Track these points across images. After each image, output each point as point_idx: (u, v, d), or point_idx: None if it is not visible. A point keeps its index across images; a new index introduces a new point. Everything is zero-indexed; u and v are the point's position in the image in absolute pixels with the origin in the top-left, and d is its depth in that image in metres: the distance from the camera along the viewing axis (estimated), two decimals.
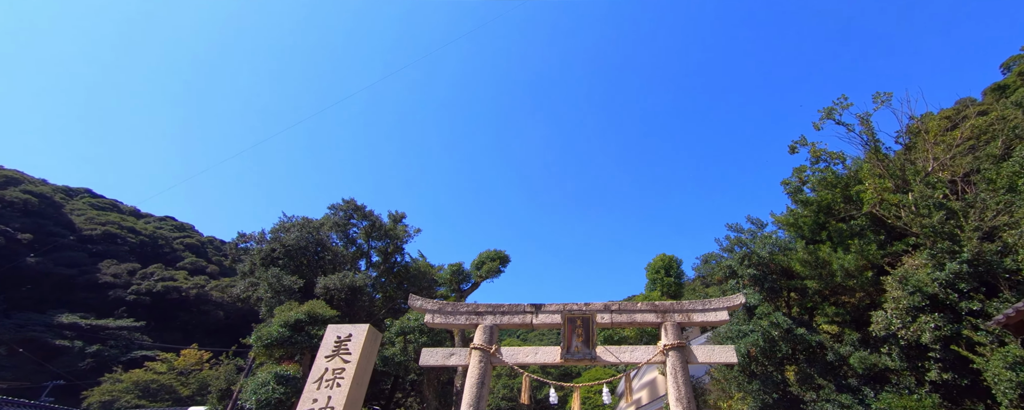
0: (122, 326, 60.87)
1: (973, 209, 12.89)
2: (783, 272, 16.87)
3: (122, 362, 56.92)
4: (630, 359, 11.57)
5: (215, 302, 70.91)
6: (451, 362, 11.67)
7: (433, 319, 12.21)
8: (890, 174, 15.18)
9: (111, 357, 58.30)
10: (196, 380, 53.72)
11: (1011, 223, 12.28)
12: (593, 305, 12.29)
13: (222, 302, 73.36)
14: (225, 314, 71.11)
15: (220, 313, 70.31)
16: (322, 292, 21.74)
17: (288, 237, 24.12)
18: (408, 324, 21.22)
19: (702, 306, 12.35)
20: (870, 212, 15.06)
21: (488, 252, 29.22)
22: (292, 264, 23.94)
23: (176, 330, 66.21)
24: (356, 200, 29.21)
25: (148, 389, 51.34)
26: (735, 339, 16.36)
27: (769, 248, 16.88)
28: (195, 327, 68.53)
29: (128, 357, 58.66)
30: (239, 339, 36.76)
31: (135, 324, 62.07)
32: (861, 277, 14.67)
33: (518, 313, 12.26)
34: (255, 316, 76.59)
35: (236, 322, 74.23)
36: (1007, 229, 12.33)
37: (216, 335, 68.37)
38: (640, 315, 12.21)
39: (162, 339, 63.21)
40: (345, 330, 11.02)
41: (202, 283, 72.77)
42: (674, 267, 28.19)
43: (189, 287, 70.02)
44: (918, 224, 12.66)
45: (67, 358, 54.38)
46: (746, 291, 16.60)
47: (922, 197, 13.31)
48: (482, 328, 11.86)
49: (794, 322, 15.68)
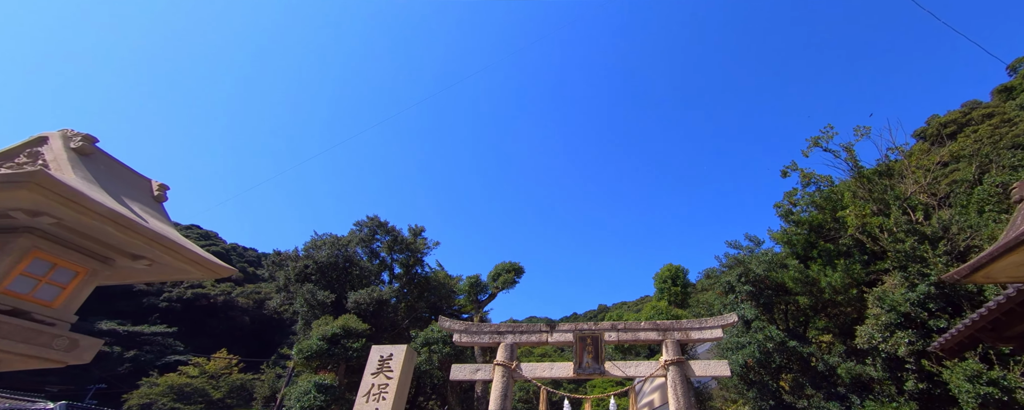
0: (156, 332, 64.05)
1: (946, 233, 14.23)
2: (777, 288, 18.30)
3: (157, 366, 60.07)
4: (635, 373, 13.23)
5: (241, 308, 73.92)
6: (478, 377, 13.44)
7: (460, 338, 13.99)
8: (873, 197, 16.56)
9: (147, 362, 61.50)
10: (226, 384, 56.46)
11: (977, 246, 13.61)
12: (601, 325, 13.96)
13: (247, 308, 76.47)
14: (251, 320, 74.09)
15: (246, 319, 73.27)
16: (353, 306, 23.72)
17: (320, 254, 26.19)
18: (432, 336, 23.05)
19: (699, 325, 13.94)
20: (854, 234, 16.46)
21: (503, 264, 30.96)
22: (324, 280, 25.98)
23: (205, 335, 69.26)
24: (379, 216, 31.17)
25: (182, 392, 54.15)
26: (734, 350, 17.86)
27: (764, 266, 18.31)
28: (223, 332, 71.54)
29: (162, 362, 61.81)
30: (266, 344, 38.63)
31: (168, 330, 65.21)
32: (847, 294, 16.08)
33: (535, 332, 13.97)
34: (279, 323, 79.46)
35: (261, 328, 77.26)
36: (974, 252, 13.64)
37: (243, 340, 71.43)
38: (643, 333, 13.83)
39: (192, 344, 66.33)
40: (387, 350, 12.84)
41: (228, 290, 75.81)
42: (680, 277, 29.60)
43: (216, 294, 73.06)
44: (893, 248, 14.06)
45: (107, 363, 57.62)
46: (743, 305, 18.09)
47: (897, 223, 14.68)
48: (503, 346, 13.60)
49: (787, 334, 17.14)
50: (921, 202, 16.50)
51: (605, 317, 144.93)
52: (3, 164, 4.19)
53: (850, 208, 16.08)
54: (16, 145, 4.61)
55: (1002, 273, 6.11)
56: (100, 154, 5.57)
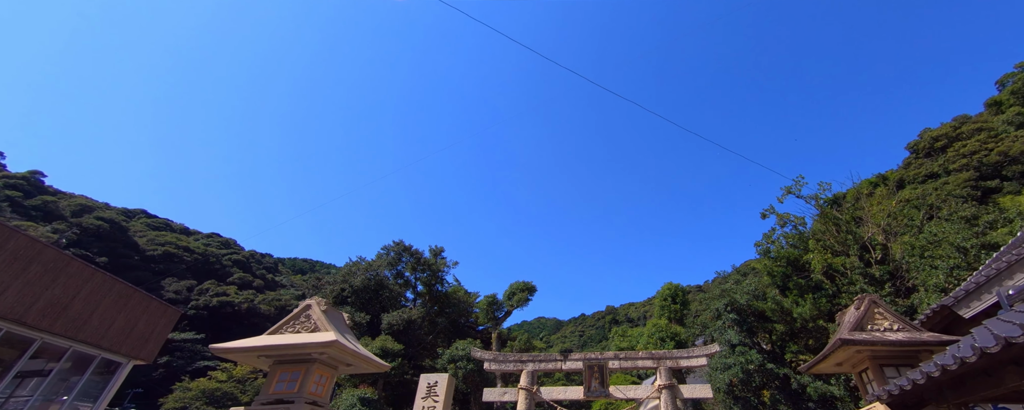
0: (186, 339, 67.81)
1: (892, 277, 17.03)
2: (759, 315, 21.17)
3: (188, 371, 63.80)
4: (634, 395, 16.22)
5: (263, 315, 77.57)
6: (505, 399, 16.49)
7: (489, 366, 17.03)
8: (838, 239, 19.38)
9: (178, 367, 65.30)
10: (252, 388, 60.14)
11: (917, 287, 16.40)
12: (606, 354, 16.95)
13: (269, 315, 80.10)
14: (272, 326, 77.70)
15: (268, 325, 76.64)
16: (387, 327, 26.90)
17: (355, 280, 29.40)
18: (457, 354, 26.17)
19: (687, 354, 16.88)
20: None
21: (517, 284, 34.04)
22: (359, 302, 29.18)
23: (230, 341, 72.97)
24: (404, 241, 34.36)
25: (213, 396, 57.87)
26: (722, 370, 20.79)
27: (747, 297, 21.19)
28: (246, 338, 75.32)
29: (193, 367, 65.59)
30: None
31: (196, 336, 68.95)
32: (816, 323, 18.92)
33: (551, 361, 16.99)
34: None
35: None
36: (916, 292, 16.44)
37: None
38: (641, 361, 16.81)
39: None
40: (433, 378, 15.88)
41: (251, 297, 79.49)
42: (679, 295, 32.56)
43: (240, 302, 76.76)
44: (847, 289, 16.90)
45: (142, 368, 61.36)
46: (729, 331, 20.99)
47: (852, 267, 17.50)
48: (525, 373, 16.62)
49: (766, 357, 20.04)
50: (879, 242, 19.25)
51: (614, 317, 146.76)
52: (291, 325, 7.50)
53: (814, 253, 18.90)
54: (295, 311, 9.29)
55: (829, 369, 9.21)
56: (331, 308, 9.67)
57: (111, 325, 13.27)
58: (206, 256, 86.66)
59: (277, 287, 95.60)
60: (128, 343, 13.90)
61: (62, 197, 78.58)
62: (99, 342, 12.91)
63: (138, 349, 14.38)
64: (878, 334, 8.26)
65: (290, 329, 9.26)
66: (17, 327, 10.85)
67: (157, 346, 15.42)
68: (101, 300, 12.95)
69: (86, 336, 12.48)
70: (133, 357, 14.38)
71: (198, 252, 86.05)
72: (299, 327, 9.21)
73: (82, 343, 12.59)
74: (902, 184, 75.81)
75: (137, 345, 14.28)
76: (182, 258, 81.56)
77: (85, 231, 69.86)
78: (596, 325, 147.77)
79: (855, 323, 8.62)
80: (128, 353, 14.08)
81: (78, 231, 68.40)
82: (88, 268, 12.80)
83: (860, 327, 8.58)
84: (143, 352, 14.64)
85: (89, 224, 70.51)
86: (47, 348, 11.77)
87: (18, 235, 10.94)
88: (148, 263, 76.22)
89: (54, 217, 69.87)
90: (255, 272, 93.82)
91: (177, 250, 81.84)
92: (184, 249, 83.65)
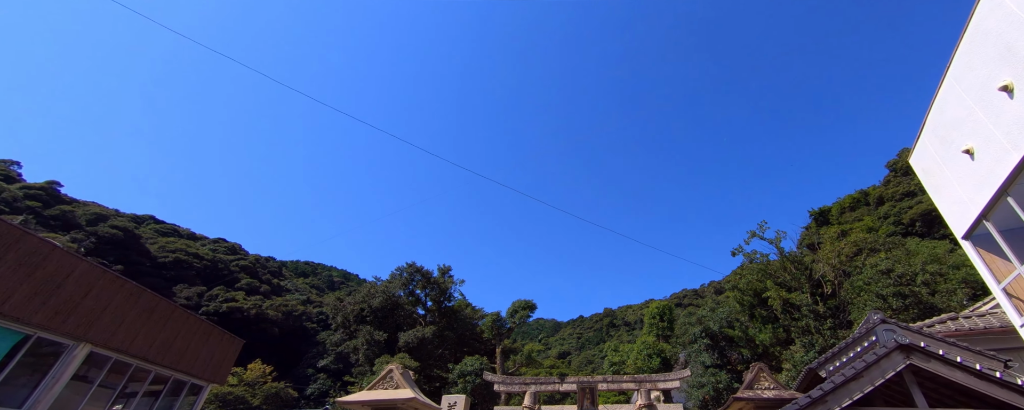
0: None
1: (834, 312, 20.54)
2: (728, 340, 24.65)
3: None
4: None
5: (271, 320, 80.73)
6: None
7: (498, 387, 20.40)
8: (793, 276, 22.90)
9: None
10: (262, 392, 63.42)
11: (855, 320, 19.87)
12: (595, 377, 20.38)
13: (276, 320, 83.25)
14: (280, 331, 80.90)
15: (276, 330, 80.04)
16: (403, 345, 30.27)
17: (374, 301, 32.81)
18: (466, 369, 29.56)
19: (664, 378, 20.33)
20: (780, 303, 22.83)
21: (519, 302, 37.52)
22: (376, 320, 32.54)
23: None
24: (416, 262, 37.76)
25: (226, 400, 61.12)
26: (697, 388, 24.26)
27: (719, 323, 24.67)
28: (255, 343, 78.31)
29: None
30: (294, 353, 43.91)
31: None
32: (774, 349, 22.41)
33: (550, 383, 20.38)
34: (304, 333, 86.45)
35: (290, 339, 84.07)
36: (854, 325, 19.90)
37: (273, 350, 78.18)
38: (625, 384, 20.26)
39: None
40: (453, 398, 19.28)
41: (259, 302, 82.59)
42: (667, 314, 36.12)
43: (249, 307, 79.85)
44: (796, 325, 20.42)
45: None
46: (703, 355, 24.48)
47: (802, 304, 21.01)
48: (529, 394, 20.01)
49: (734, 377, 23.51)
50: (829, 279, 22.75)
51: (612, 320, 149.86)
52: (382, 383, 10.96)
53: (771, 291, 22.43)
54: (383, 374, 12.80)
55: None
56: (405, 371, 13.32)
57: (197, 357, 16.59)
58: (214, 262, 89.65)
59: (283, 292, 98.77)
60: (209, 370, 17.22)
61: (77, 205, 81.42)
62: (189, 370, 16.22)
63: (214, 374, 17.68)
64: (759, 393, 11.93)
65: (381, 386, 13.06)
66: (143, 362, 14.18)
67: (228, 371, 18.72)
68: (192, 338, 16.29)
69: (182, 366, 15.79)
70: (211, 381, 17.68)
71: (207, 258, 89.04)
72: (387, 385, 13.10)
73: (180, 372, 15.90)
74: (882, 201, 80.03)
75: (214, 371, 17.60)
76: (192, 264, 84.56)
77: (100, 239, 72.75)
78: (594, 327, 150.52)
79: (747, 384, 12.30)
80: (209, 378, 17.39)
81: (95, 240, 71.30)
82: (183, 312, 16.10)
83: (750, 386, 12.24)
84: (218, 376, 17.95)
85: (104, 232, 73.40)
86: (156, 375, 15.10)
87: (144, 292, 14.24)
88: (160, 269, 79.17)
89: (72, 226, 72.75)
90: (261, 277, 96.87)
91: (187, 257, 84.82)
92: (193, 256, 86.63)
